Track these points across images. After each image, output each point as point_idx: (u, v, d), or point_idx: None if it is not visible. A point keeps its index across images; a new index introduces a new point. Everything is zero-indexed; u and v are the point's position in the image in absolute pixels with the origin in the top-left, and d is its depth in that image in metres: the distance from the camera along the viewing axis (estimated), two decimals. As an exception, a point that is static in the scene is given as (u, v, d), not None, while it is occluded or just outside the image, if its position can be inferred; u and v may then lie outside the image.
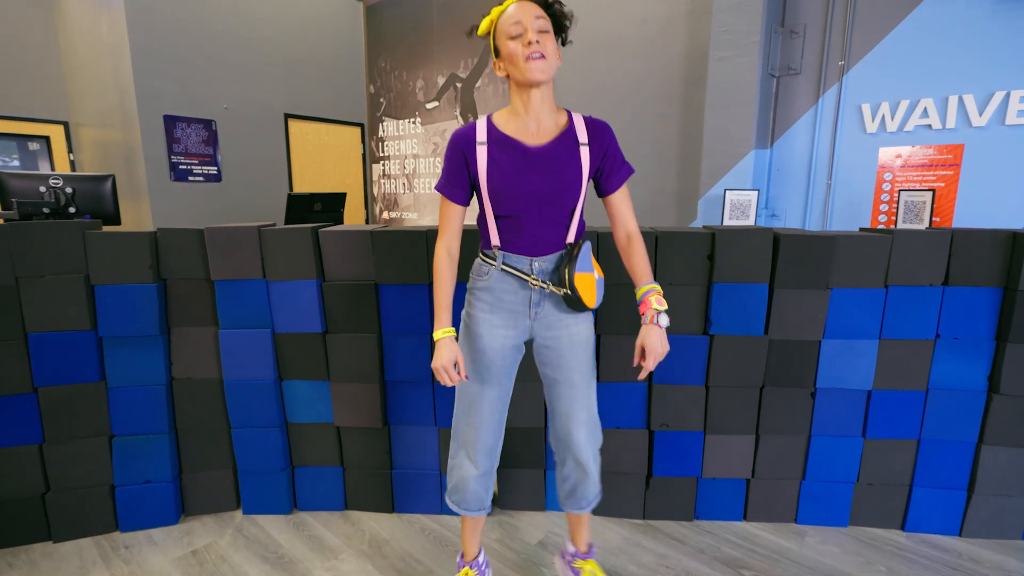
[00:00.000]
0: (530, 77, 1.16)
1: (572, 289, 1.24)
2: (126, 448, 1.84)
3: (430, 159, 5.41)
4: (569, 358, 1.33)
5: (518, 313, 1.31)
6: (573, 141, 1.24)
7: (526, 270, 1.28)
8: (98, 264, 1.74)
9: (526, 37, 1.15)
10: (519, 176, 1.20)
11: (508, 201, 1.22)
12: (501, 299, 1.30)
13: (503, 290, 1.30)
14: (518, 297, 1.30)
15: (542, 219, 1.24)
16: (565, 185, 1.22)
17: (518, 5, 1.17)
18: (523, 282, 1.28)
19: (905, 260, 1.71)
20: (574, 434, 1.36)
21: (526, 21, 1.15)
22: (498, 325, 1.31)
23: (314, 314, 1.83)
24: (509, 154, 1.21)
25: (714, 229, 1.76)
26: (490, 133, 1.23)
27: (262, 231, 1.78)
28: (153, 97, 4.40)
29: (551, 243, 1.28)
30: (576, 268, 1.25)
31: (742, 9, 3.10)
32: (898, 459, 1.84)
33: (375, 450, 1.95)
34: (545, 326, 1.33)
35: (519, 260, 1.28)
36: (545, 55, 1.15)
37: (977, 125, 2.67)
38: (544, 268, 1.29)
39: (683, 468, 1.90)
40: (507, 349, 1.32)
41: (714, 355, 1.80)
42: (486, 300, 1.31)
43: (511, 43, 1.17)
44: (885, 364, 1.78)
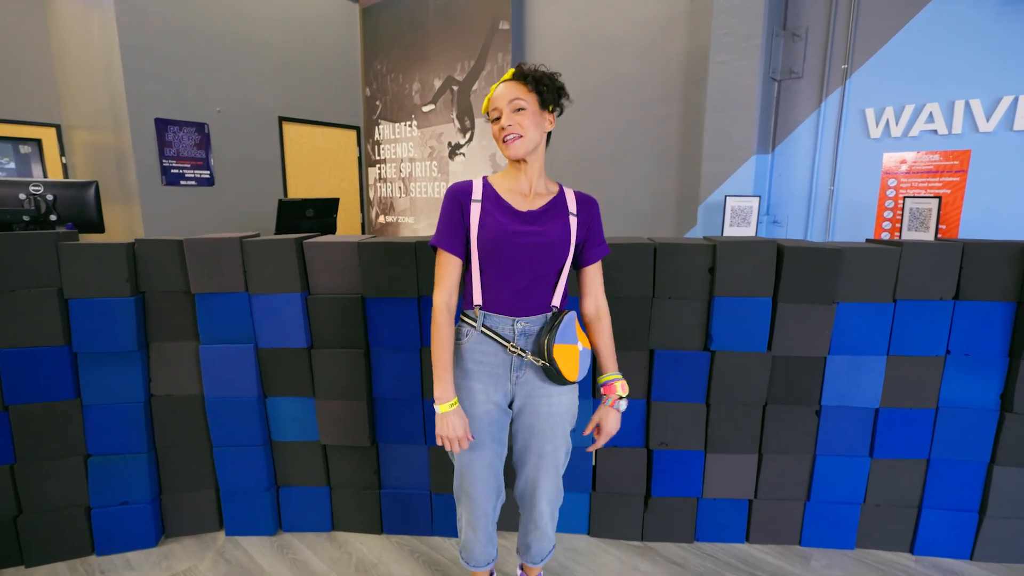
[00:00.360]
0: (508, 155, 1.22)
1: (551, 361, 1.21)
2: (102, 468, 1.77)
3: (426, 162, 5.35)
4: (544, 429, 1.29)
5: (499, 376, 1.26)
6: (563, 208, 1.27)
7: (507, 333, 1.25)
8: (72, 277, 1.66)
9: (500, 121, 1.21)
10: (510, 229, 1.21)
11: (496, 251, 1.21)
12: (481, 362, 1.26)
13: (483, 352, 1.26)
14: (498, 359, 1.26)
15: (528, 275, 1.23)
16: (553, 242, 1.23)
17: (502, 88, 1.23)
18: (501, 346, 1.25)
19: (914, 273, 1.64)
20: (536, 501, 1.35)
21: (501, 104, 1.21)
22: (479, 391, 1.26)
23: (299, 328, 1.76)
24: (502, 211, 1.23)
25: (715, 241, 1.68)
26: (486, 191, 1.26)
27: (244, 242, 1.71)
28: (144, 100, 4.32)
29: (535, 303, 1.25)
30: (557, 339, 1.22)
31: (743, 11, 3.03)
32: (907, 480, 1.77)
33: (363, 469, 1.87)
34: (526, 392, 1.28)
35: (500, 322, 1.25)
36: (521, 135, 1.19)
37: (984, 131, 2.60)
38: (527, 330, 1.25)
39: (683, 488, 1.83)
40: (492, 413, 1.27)
41: (715, 372, 1.72)
42: (467, 367, 1.27)
43: (492, 125, 1.24)
44: (893, 381, 1.71)
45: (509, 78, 1.24)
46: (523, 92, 1.21)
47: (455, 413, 1.21)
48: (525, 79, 1.22)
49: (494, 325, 1.25)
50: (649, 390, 1.78)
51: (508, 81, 1.23)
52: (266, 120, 5.15)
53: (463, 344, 1.27)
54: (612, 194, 3.98)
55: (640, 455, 1.83)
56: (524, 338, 1.25)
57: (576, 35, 4.01)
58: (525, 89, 1.21)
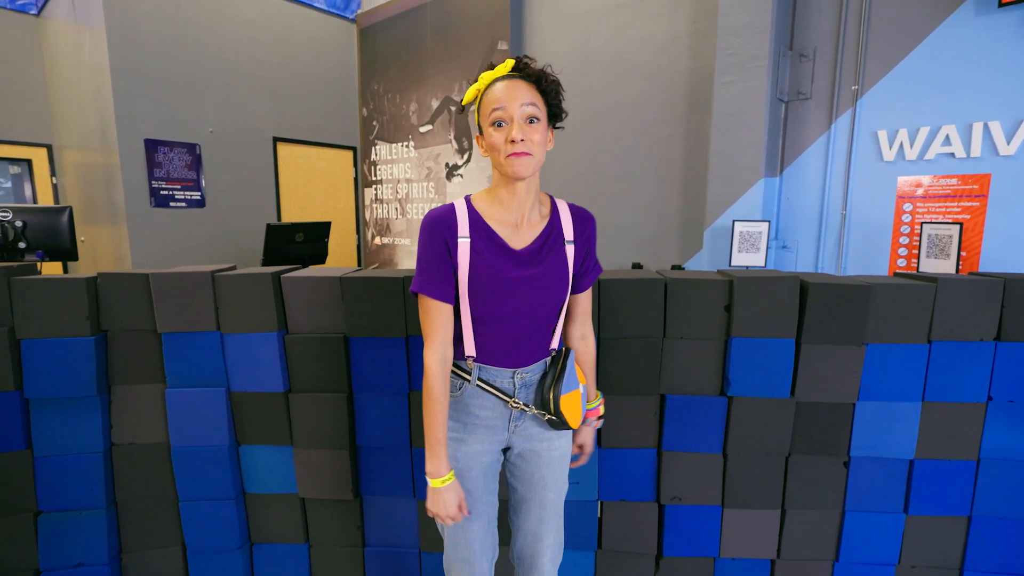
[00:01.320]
0: (511, 174, 1.01)
1: (558, 414, 1.12)
2: (55, 526, 1.59)
3: (423, 183, 5.24)
4: (544, 475, 1.20)
5: (495, 428, 1.15)
6: (559, 237, 1.11)
7: (507, 387, 1.13)
8: (26, 315, 1.51)
9: (510, 131, 0.98)
10: (504, 276, 1.05)
11: (490, 302, 1.06)
12: (476, 415, 1.13)
13: (478, 406, 1.13)
14: (495, 413, 1.14)
15: (526, 324, 1.10)
16: (553, 286, 1.09)
17: (506, 85, 0.99)
18: (500, 400, 1.13)
19: (951, 312, 1.49)
20: (539, 558, 1.24)
21: (511, 108, 0.98)
22: (473, 444, 1.15)
23: (275, 371, 1.60)
24: (495, 250, 1.06)
25: (732, 276, 1.54)
26: (472, 222, 1.06)
27: (216, 276, 1.56)
28: (134, 120, 4.23)
29: (535, 351, 1.13)
30: (563, 389, 1.12)
31: (748, 32, 2.94)
32: (946, 539, 1.60)
33: (345, 525, 1.70)
34: (524, 438, 1.19)
35: (499, 374, 1.12)
36: (531, 152, 0.99)
37: (1005, 154, 2.48)
38: (528, 380, 1.14)
39: (698, 547, 1.66)
40: (486, 467, 1.17)
41: (733, 419, 1.57)
42: (458, 420, 1.14)
43: (493, 131, 1.00)
44: (929, 430, 1.55)
45: (515, 74, 1.01)
46: (537, 98, 1.00)
47: (449, 489, 1.07)
48: (539, 82, 1.01)
49: (492, 378, 1.12)
50: (660, 439, 1.62)
51: (515, 79, 1.00)
52: (260, 140, 5.06)
53: (456, 398, 1.14)
54: (614, 218, 3.85)
55: (651, 510, 1.66)
56: (525, 389, 1.15)
57: (576, 55, 3.93)
58: (538, 95, 1.01)
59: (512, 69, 1.02)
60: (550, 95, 1.02)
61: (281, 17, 5.03)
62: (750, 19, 2.92)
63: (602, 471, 1.63)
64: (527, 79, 1.01)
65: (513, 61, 1.02)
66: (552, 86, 1.02)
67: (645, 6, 3.54)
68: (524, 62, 1.03)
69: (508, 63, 1.02)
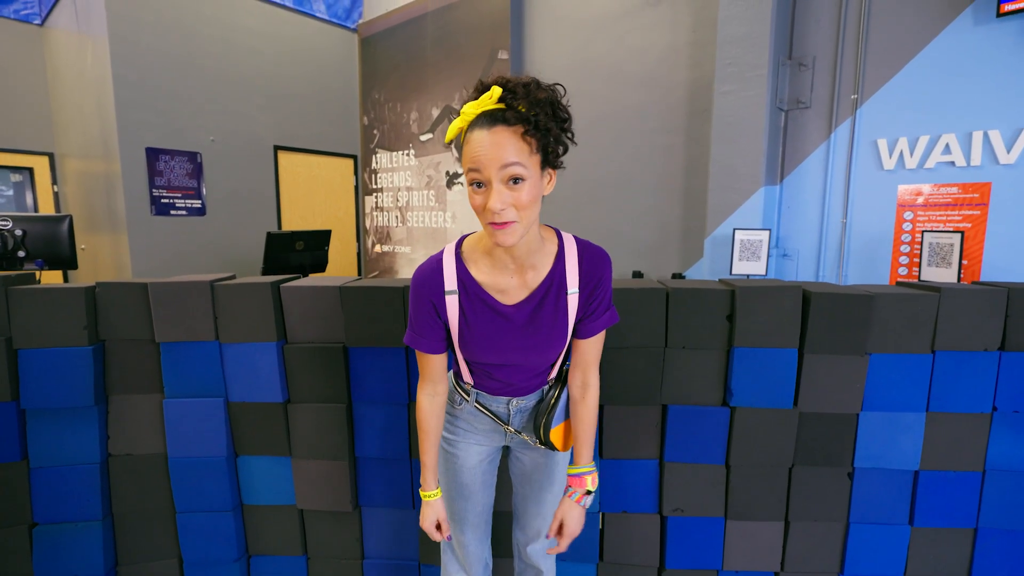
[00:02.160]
0: (496, 241, 0.88)
1: (547, 443, 1.15)
2: (50, 538, 1.57)
3: (423, 191, 5.25)
4: (541, 479, 1.24)
5: (494, 434, 1.22)
6: (560, 288, 1.00)
7: (501, 413, 1.17)
8: (23, 324, 1.50)
9: (487, 198, 0.84)
10: (493, 338, 1.03)
11: (481, 356, 1.07)
12: (475, 427, 1.20)
13: (477, 419, 1.19)
14: (491, 427, 1.20)
15: (520, 373, 1.11)
16: (548, 341, 1.05)
17: (485, 140, 0.82)
18: (496, 424, 1.18)
19: (955, 321, 1.48)
20: (537, 549, 1.29)
21: (491, 172, 0.82)
22: (472, 442, 1.21)
23: (274, 381, 1.59)
24: (484, 311, 1.01)
25: (734, 285, 1.53)
26: (460, 277, 1.00)
27: (215, 286, 1.56)
28: (136, 128, 4.24)
29: (531, 384, 1.15)
30: (553, 422, 1.13)
31: (747, 41, 2.96)
32: (952, 551, 1.58)
33: (344, 537, 1.68)
34: (521, 445, 1.24)
35: (495, 401, 1.16)
36: (516, 219, 0.85)
37: (1005, 163, 2.48)
38: (523, 407, 1.17)
39: (701, 559, 1.64)
40: (484, 463, 1.24)
41: (735, 430, 1.55)
42: (459, 426, 1.20)
43: (471, 191, 0.87)
44: (934, 441, 1.53)
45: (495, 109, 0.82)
46: (521, 151, 0.82)
47: (429, 505, 1.15)
48: (527, 124, 0.81)
49: (488, 403, 1.17)
50: (662, 450, 1.60)
51: (496, 128, 0.81)
52: (261, 149, 5.07)
53: (456, 410, 1.20)
54: (614, 227, 3.85)
55: (652, 522, 1.64)
56: (520, 415, 1.18)
57: (576, 65, 3.95)
58: (525, 147, 0.82)
59: (499, 101, 0.84)
60: (541, 135, 0.84)
61: (283, 27, 5.06)
62: (749, 29, 2.93)
63: (603, 482, 1.61)
64: (516, 122, 0.83)
65: (499, 90, 0.84)
66: (548, 125, 0.84)
67: (645, 17, 3.57)
68: (511, 92, 0.84)
69: (494, 92, 0.84)
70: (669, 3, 3.45)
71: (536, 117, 0.83)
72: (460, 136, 0.92)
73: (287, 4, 5.06)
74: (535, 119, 0.83)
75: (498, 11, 4.32)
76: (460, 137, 0.93)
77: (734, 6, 2.97)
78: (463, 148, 0.90)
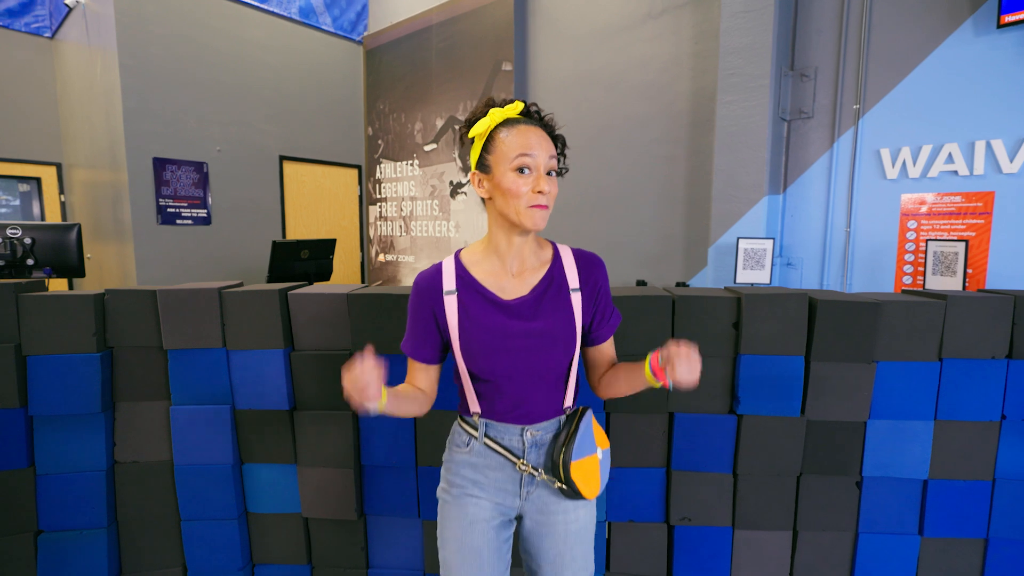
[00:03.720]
0: (530, 226, 0.96)
1: (568, 482, 1.00)
2: (55, 546, 1.57)
3: (427, 201, 5.28)
4: (563, 551, 1.05)
5: (506, 491, 1.05)
6: (561, 285, 1.03)
7: (515, 446, 1.04)
8: (33, 331, 1.51)
9: (537, 181, 0.94)
10: (496, 333, 0.98)
11: (485, 361, 0.99)
12: (486, 475, 1.05)
13: (487, 466, 1.04)
14: (505, 474, 1.04)
15: (529, 383, 1.02)
16: (553, 341, 0.99)
17: (533, 132, 0.96)
18: (509, 462, 1.04)
19: (962, 329, 1.48)
20: None
21: (540, 158, 0.94)
22: (483, 497, 1.05)
23: (280, 388, 1.59)
24: (484, 306, 1.00)
25: (740, 293, 1.54)
26: (460, 279, 1.02)
27: (223, 293, 1.57)
28: (143, 138, 4.28)
29: (545, 409, 1.05)
30: (574, 454, 1.00)
31: (749, 52, 2.98)
32: (963, 562, 1.56)
33: (348, 546, 1.67)
34: (537, 508, 1.06)
35: (506, 431, 1.04)
36: (549, 205, 0.97)
37: (1008, 172, 2.49)
38: (539, 440, 1.04)
39: (708, 569, 1.62)
40: (496, 521, 1.05)
41: (743, 438, 1.55)
42: (466, 476, 1.05)
43: (514, 176, 0.94)
44: (943, 449, 1.52)
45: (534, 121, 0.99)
46: (555, 152, 0.99)
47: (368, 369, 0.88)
48: (553, 135, 1.00)
49: (499, 436, 1.04)
50: (669, 458, 1.59)
51: (538, 127, 0.98)
52: (266, 159, 5.11)
53: (465, 455, 1.06)
54: (618, 237, 3.87)
55: (660, 531, 1.63)
56: (536, 450, 1.04)
57: (579, 76, 3.99)
58: (554, 148, 0.99)
59: (521, 113, 0.99)
60: (559, 146, 1.02)
61: (289, 39, 5.13)
62: (751, 40, 2.96)
63: (610, 491, 1.60)
64: (544, 128, 0.99)
65: (522, 104, 0.99)
66: (562, 141, 1.02)
67: (647, 28, 3.60)
68: (536, 109, 1.01)
69: (517, 105, 0.98)
70: (671, 14, 3.49)
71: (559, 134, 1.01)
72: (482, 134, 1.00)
73: (294, 17, 5.13)
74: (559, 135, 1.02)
75: (502, 23, 4.37)
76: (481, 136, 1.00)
77: (736, 17, 3.01)
78: (494, 143, 0.97)
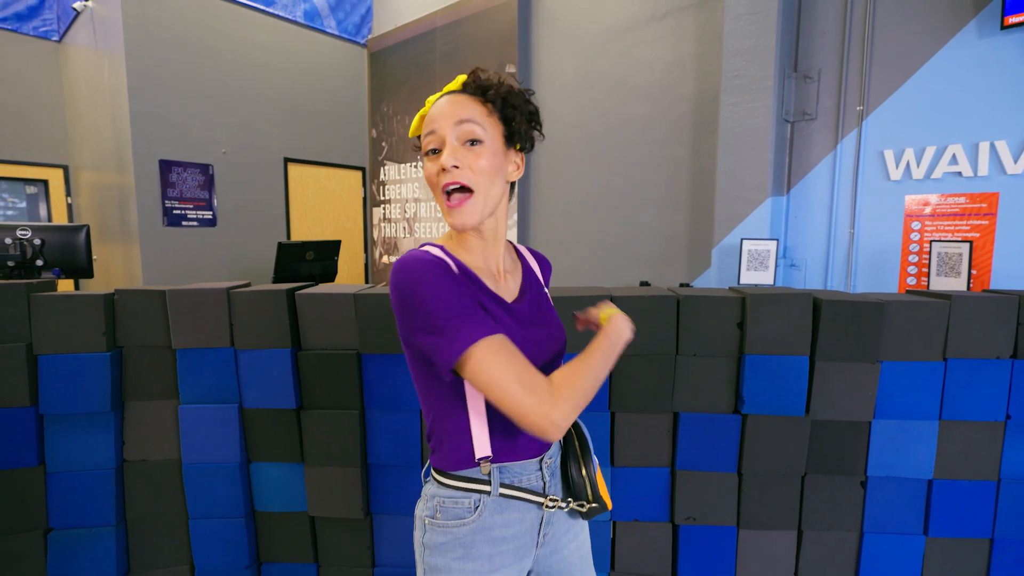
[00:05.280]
0: (452, 225, 0.79)
1: (598, 499, 0.89)
2: (64, 544, 1.59)
3: (431, 203, 5.29)
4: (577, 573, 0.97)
5: (523, 547, 0.87)
6: (539, 286, 0.94)
7: (536, 485, 0.87)
8: (44, 331, 1.53)
9: (438, 156, 0.78)
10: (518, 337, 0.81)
11: None
12: (503, 539, 0.84)
13: (503, 525, 0.84)
14: (524, 527, 0.86)
15: None
16: (560, 347, 0.90)
17: (442, 102, 0.79)
18: (532, 504, 0.87)
19: (966, 329, 1.48)
20: None
21: (443, 128, 0.77)
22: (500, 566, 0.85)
23: (288, 387, 1.60)
24: (497, 307, 0.83)
25: (744, 293, 1.54)
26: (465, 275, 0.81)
27: (231, 293, 1.58)
28: (149, 141, 4.32)
29: None
30: (595, 464, 0.93)
31: (753, 54, 2.99)
32: (968, 561, 1.56)
33: (355, 544, 1.68)
34: (550, 550, 0.92)
35: (524, 470, 0.86)
36: (472, 188, 0.76)
37: (1012, 173, 2.49)
38: (553, 466, 0.91)
39: (714, 569, 1.63)
40: None
41: (747, 438, 1.55)
42: (480, 554, 0.83)
43: (425, 161, 0.80)
44: (947, 449, 1.53)
45: (457, 88, 0.82)
46: (480, 114, 0.78)
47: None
48: (485, 93, 0.79)
49: (518, 479, 0.85)
50: (673, 457, 1.60)
51: (456, 94, 0.80)
52: (271, 161, 5.15)
53: (471, 525, 0.83)
54: (621, 238, 3.87)
55: (665, 531, 1.63)
56: (554, 479, 0.91)
57: (583, 78, 4.00)
58: (483, 109, 0.79)
59: (462, 87, 0.82)
60: (507, 108, 0.80)
61: (294, 43, 5.16)
62: (755, 42, 2.97)
63: (615, 490, 1.61)
64: (474, 92, 0.80)
65: (464, 76, 0.83)
66: (506, 98, 0.80)
67: (650, 30, 3.62)
68: (476, 75, 0.82)
69: (457, 79, 0.82)
70: (675, 17, 3.50)
71: (494, 87, 0.80)
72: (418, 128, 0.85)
73: (299, 20, 5.17)
74: (493, 88, 0.80)
75: (506, 26, 4.39)
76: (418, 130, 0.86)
77: (739, 20, 3.02)
78: None
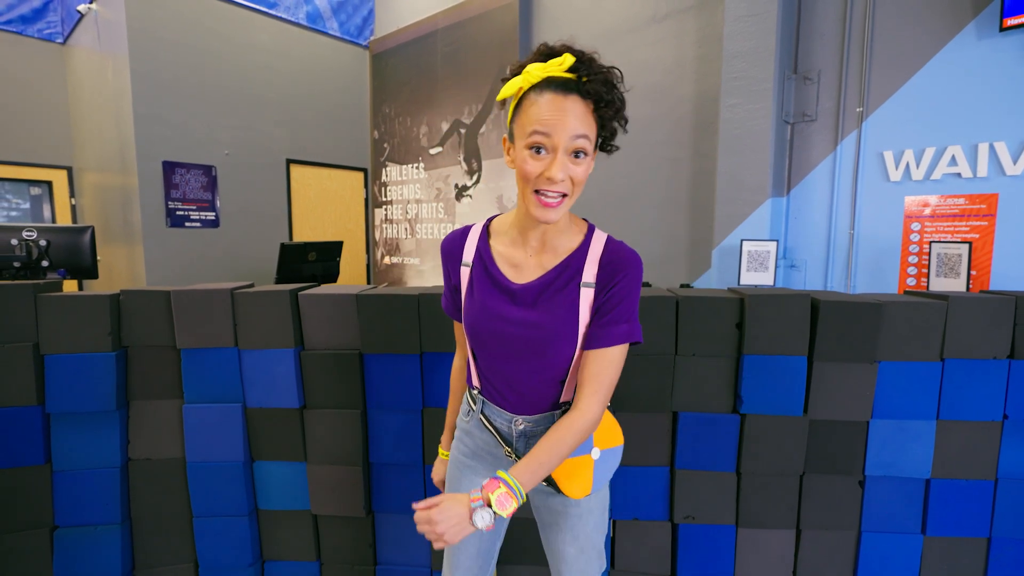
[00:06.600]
0: (539, 217, 0.85)
1: (549, 479, 0.97)
2: (70, 541, 1.60)
3: (433, 204, 5.31)
4: (563, 527, 1.05)
5: (500, 463, 1.05)
6: (573, 277, 0.91)
7: (505, 431, 1.02)
8: (50, 331, 1.55)
9: (551, 165, 0.80)
10: (495, 318, 0.93)
11: (482, 341, 0.97)
12: (481, 447, 1.07)
13: (483, 440, 1.06)
14: (498, 453, 1.05)
15: (524, 372, 0.96)
16: (548, 335, 0.91)
17: (557, 104, 0.78)
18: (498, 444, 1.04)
19: (963, 329, 1.49)
20: None
21: (558, 138, 0.78)
22: (480, 472, 1.07)
23: (291, 387, 1.62)
24: (490, 285, 0.95)
25: (743, 293, 1.56)
26: (478, 252, 0.97)
27: (235, 293, 1.60)
28: (153, 142, 4.34)
29: (538, 401, 0.98)
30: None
31: (753, 56, 3.01)
32: (966, 560, 1.57)
33: (357, 543, 1.70)
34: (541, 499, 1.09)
35: (499, 415, 1.02)
36: (568, 193, 0.83)
37: (1012, 174, 2.50)
38: (528, 431, 1.00)
39: (712, 568, 1.64)
40: None
41: (746, 437, 1.56)
42: (467, 443, 1.09)
43: (528, 156, 0.81)
44: (945, 449, 1.54)
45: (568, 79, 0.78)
46: (590, 126, 0.80)
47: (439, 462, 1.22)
48: (599, 102, 0.79)
49: (493, 417, 1.03)
50: (672, 457, 1.61)
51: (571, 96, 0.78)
52: (274, 162, 5.17)
53: (466, 423, 1.09)
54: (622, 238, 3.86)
55: (664, 529, 1.65)
56: (524, 440, 1.01)
57: (584, 79, 4.01)
58: (592, 120, 0.80)
59: (569, 70, 0.79)
60: (606, 120, 0.83)
61: (297, 45, 5.19)
62: (755, 44, 2.98)
63: (614, 489, 1.62)
64: (585, 96, 0.80)
65: (572, 59, 0.79)
66: (611, 111, 0.82)
67: (651, 32, 3.63)
68: (584, 64, 0.80)
69: (567, 59, 0.79)
70: (675, 19, 3.51)
71: (608, 96, 0.80)
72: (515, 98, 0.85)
73: (301, 22, 5.20)
74: (608, 97, 0.80)
75: (507, 28, 4.41)
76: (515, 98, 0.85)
77: (739, 21, 3.03)
78: (521, 109, 0.83)
